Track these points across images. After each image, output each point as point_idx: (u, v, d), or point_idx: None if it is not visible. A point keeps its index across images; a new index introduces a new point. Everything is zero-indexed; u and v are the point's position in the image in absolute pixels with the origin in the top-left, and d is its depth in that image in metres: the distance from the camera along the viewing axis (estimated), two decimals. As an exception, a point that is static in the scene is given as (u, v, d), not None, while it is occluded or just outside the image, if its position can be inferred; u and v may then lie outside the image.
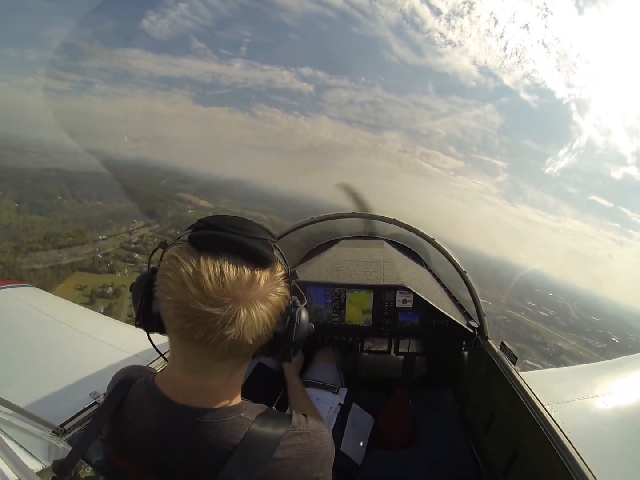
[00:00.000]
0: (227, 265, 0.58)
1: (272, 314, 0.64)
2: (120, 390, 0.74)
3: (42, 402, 1.32)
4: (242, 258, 0.60)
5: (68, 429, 1.16)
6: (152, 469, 0.68)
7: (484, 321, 1.91)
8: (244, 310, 0.58)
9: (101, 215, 36.38)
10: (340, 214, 2.39)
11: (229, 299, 0.57)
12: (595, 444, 1.27)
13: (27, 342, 1.88)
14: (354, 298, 1.97)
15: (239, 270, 0.58)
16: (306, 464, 0.71)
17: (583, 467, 1.09)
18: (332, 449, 0.80)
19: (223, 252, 0.59)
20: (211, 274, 0.56)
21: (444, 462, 1.64)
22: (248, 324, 0.59)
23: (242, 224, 0.64)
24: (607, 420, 1.47)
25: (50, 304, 2.48)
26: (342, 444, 1.55)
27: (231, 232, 0.61)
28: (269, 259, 0.63)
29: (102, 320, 2.46)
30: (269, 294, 0.63)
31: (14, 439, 1.01)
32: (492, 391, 1.73)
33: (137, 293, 0.71)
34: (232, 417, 0.67)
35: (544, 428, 1.27)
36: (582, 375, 1.91)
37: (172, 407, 0.66)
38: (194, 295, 0.56)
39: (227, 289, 0.57)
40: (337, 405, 1.68)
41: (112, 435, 0.73)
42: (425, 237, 2.22)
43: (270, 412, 0.75)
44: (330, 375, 1.95)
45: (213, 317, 0.56)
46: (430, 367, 2.62)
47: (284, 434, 0.69)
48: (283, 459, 0.67)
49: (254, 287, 0.60)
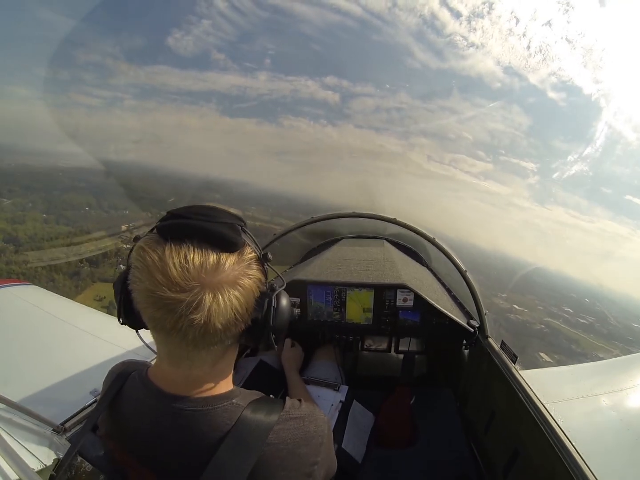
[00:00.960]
0: (192, 251, 0.58)
1: (242, 298, 0.63)
2: (117, 384, 0.75)
3: (42, 400, 1.32)
4: (207, 243, 0.60)
5: (69, 427, 1.17)
6: (149, 461, 0.68)
7: (484, 320, 1.91)
8: (209, 294, 0.58)
9: (126, 225, 36.74)
10: (341, 213, 2.39)
11: (194, 283, 0.57)
12: (596, 443, 1.27)
13: (28, 340, 1.88)
14: (354, 296, 1.98)
15: (203, 255, 0.59)
16: (302, 448, 0.70)
17: (583, 466, 1.09)
18: (328, 433, 0.79)
19: (188, 239, 0.59)
20: (175, 261, 0.57)
21: (444, 460, 1.64)
22: (214, 307, 0.59)
23: (207, 210, 0.64)
24: (607, 420, 1.47)
25: (50, 302, 2.49)
26: (344, 441, 1.55)
27: (196, 219, 0.61)
28: (235, 243, 0.63)
29: (102, 318, 2.46)
30: (239, 277, 0.63)
31: (14, 437, 1.01)
32: (493, 390, 1.73)
33: (117, 290, 0.72)
34: (224, 404, 0.68)
35: (544, 427, 1.27)
36: (582, 374, 1.90)
37: (164, 397, 0.67)
38: (160, 282, 0.57)
39: (191, 274, 0.57)
40: (338, 403, 1.68)
41: (110, 430, 0.74)
42: (426, 237, 2.22)
43: (265, 398, 0.75)
44: (331, 373, 1.95)
45: (179, 302, 0.57)
46: (430, 366, 2.62)
47: (278, 419, 0.69)
48: (277, 443, 0.67)
49: (220, 270, 0.60)
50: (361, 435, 1.66)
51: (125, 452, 0.70)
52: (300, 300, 2.01)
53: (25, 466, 0.78)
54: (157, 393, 0.69)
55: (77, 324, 2.08)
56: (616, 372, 1.89)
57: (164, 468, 0.67)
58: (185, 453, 0.65)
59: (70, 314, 2.26)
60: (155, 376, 0.72)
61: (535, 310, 11.73)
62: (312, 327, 2.09)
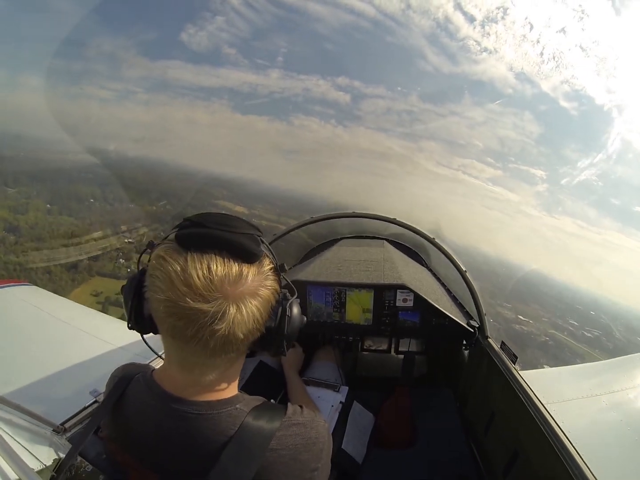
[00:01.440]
0: (215, 261, 0.59)
1: (262, 308, 0.65)
2: (120, 386, 0.75)
3: (42, 400, 1.32)
4: (229, 254, 0.60)
5: (69, 428, 1.16)
6: (151, 462, 0.69)
7: (484, 320, 1.91)
8: (233, 305, 0.59)
9: (131, 218, 36.55)
10: (340, 213, 2.39)
11: (218, 294, 0.58)
12: (595, 444, 1.27)
13: (27, 341, 1.88)
14: (354, 297, 1.97)
15: (227, 266, 0.59)
16: (303, 454, 0.71)
17: (583, 466, 1.09)
18: (328, 439, 0.80)
19: (209, 249, 0.60)
20: (199, 272, 0.57)
21: (444, 461, 1.64)
22: (238, 318, 0.60)
23: (227, 220, 0.64)
24: (607, 420, 1.47)
25: (50, 303, 2.49)
26: (344, 442, 1.55)
27: (217, 228, 0.61)
28: (256, 254, 0.64)
29: (102, 319, 2.46)
30: (258, 288, 0.64)
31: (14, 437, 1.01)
32: (492, 390, 1.73)
33: (128, 295, 0.72)
34: (228, 409, 0.68)
35: (544, 427, 1.27)
36: (582, 374, 1.91)
37: (170, 400, 0.68)
38: (183, 293, 0.57)
39: (215, 285, 0.58)
40: (338, 404, 1.67)
41: (112, 432, 0.74)
42: (425, 237, 2.22)
43: (267, 404, 0.75)
44: (330, 373, 1.95)
45: (203, 313, 0.57)
46: (430, 366, 2.62)
47: (280, 425, 0.70)
48: (279, 449, 0.67)
49: (242, 282, 0.61)
50: (361, 436, 1.66)
51: (127, 453, 0.71)
52: (299, 301, 2.00)
53: (25, 466, 0.78)
54: (163, 395, 0.69)
55: (76, 324, 2.08)
56: (616, 372, 1.89)
57: (166, 470, 0.67)
58: (189, 456, 0.65)
59: (70, 314, 2.26)
60: (162, 379, 0.72)
61: (540, 322, 11.64)
62: (312, 328, 2.08)
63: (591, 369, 1.99)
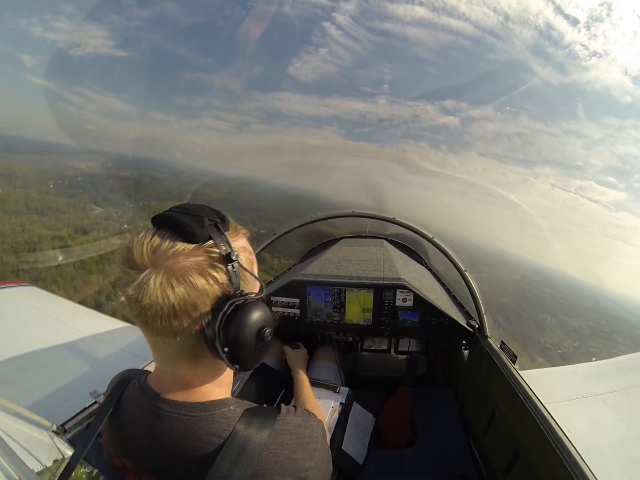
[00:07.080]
0: (156, 235, 0.62)
1: (191, 297, 0.60)
2: (117, 391, 0.76)
3: (42, 401, 1.32)
4: (171, 231, 0.63)
5: (68, 429, 1.16)
6: (148, 465, 0.69)
7: (483, 320, 1.91)
8: (155, 276, 0.59)
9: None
10: (340, 213, 2.39)
11: (148, 264, 0.60)
12: (595, 444, 1.27)
13: (27, 342, 1.88)
14: (354, 297, 1.97)
15: (163, 240, 0.62)
16: (298, 454, 0.71)
17: (583, 466, 1.09)
18: (323, 439, 0.80)
19: (160, 228, 0.64)
20: (140, 242, 0.62)
21: (444, 461, 1.64)
22: (157, 289, 0.58)
23: (191, 206, 0.68)
24: (607, 420, 1.47)
25: (50, 304, 2.48)
26: (344, 443, 1.55)
27: (174, 211, 0.66)
28: (192, 233, 0.62)
29: (101, 320, 2.46)
30: (190, 270, 0.60)
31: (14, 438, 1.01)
32: (492, 390, 1.73)
33: None
34: (221, 410, 0.68)
35: (544, 427, 1.27)
36: (582, 374, 1.91)
37: (162, 402, 0.68)
38: (125, 258, 0.62)
39: (147, 254, 0.60)
40: (339, 405, 1.68)
41: (110, 436, 0.75)
42: (425, 236, 2.22)
43: (260, 407, 0.75)
44: (330, 374, 1.95)
45: (131, 277, 0.60)
46: (430, 366, 2.62)
47: (274, 425, 0.70)
48: (274, 449, 0.68)
49: (171, 255, 0.60)
50: (362, 436, 1.66)
51: (125, 457, 0.71)
52: (299, 300, 2.01)
53: (25, 467, 0.78)
54: (154, 397, 0.70)
55: (76, 325, 2.08)
56: (616, 372, 1.89)
57: (163, 472, 0.68)
58: (184, 458, 0.66)
59: (69, 315, 2.26)
60: (152, 380, 0.74)
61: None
62: (312, 328, 2.08)
63: (591, 369, 1.99)
